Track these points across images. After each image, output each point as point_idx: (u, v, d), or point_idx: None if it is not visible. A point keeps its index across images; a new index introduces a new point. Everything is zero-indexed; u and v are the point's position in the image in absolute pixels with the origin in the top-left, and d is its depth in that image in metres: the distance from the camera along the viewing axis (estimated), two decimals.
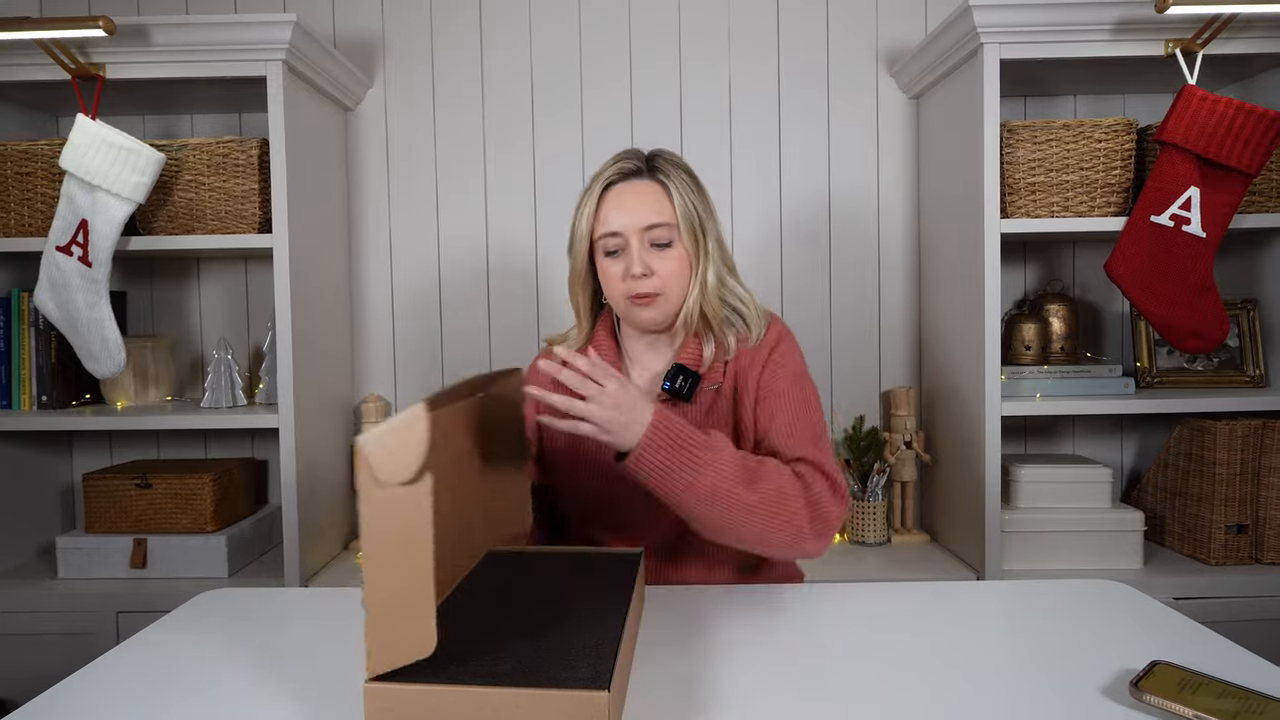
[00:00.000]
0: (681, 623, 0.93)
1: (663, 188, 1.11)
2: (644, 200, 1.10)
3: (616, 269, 1.11)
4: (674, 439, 0.93)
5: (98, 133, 1.56)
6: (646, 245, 1.10)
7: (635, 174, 1.12)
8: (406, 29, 1.99)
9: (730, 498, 0.93)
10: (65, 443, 2.00)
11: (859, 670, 0.81)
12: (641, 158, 1.14)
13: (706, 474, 0.92)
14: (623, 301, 1.12)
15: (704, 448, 0.94)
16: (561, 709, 0.64)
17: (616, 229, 1.10)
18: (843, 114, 1.98)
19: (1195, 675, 0.74)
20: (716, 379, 1.14)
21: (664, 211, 1.10)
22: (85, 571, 1.71)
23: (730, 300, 1.16)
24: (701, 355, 1.15)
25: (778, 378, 1.12)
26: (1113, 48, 1.60)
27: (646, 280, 1.10)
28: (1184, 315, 1.59)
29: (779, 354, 1.14)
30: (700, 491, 0.93)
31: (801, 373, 1.14)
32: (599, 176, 1.13)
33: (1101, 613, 0.95)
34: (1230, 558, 1.68)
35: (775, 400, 1.11)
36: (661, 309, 1.12)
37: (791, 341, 1.17)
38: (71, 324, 1.64)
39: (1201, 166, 1.55)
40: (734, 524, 0.95)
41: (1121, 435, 2.01)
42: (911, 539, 1.90)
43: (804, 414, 1.10)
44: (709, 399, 1.14)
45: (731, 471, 0.94)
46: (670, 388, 1.12)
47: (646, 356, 1.20)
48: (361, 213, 2.00)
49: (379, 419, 1.94)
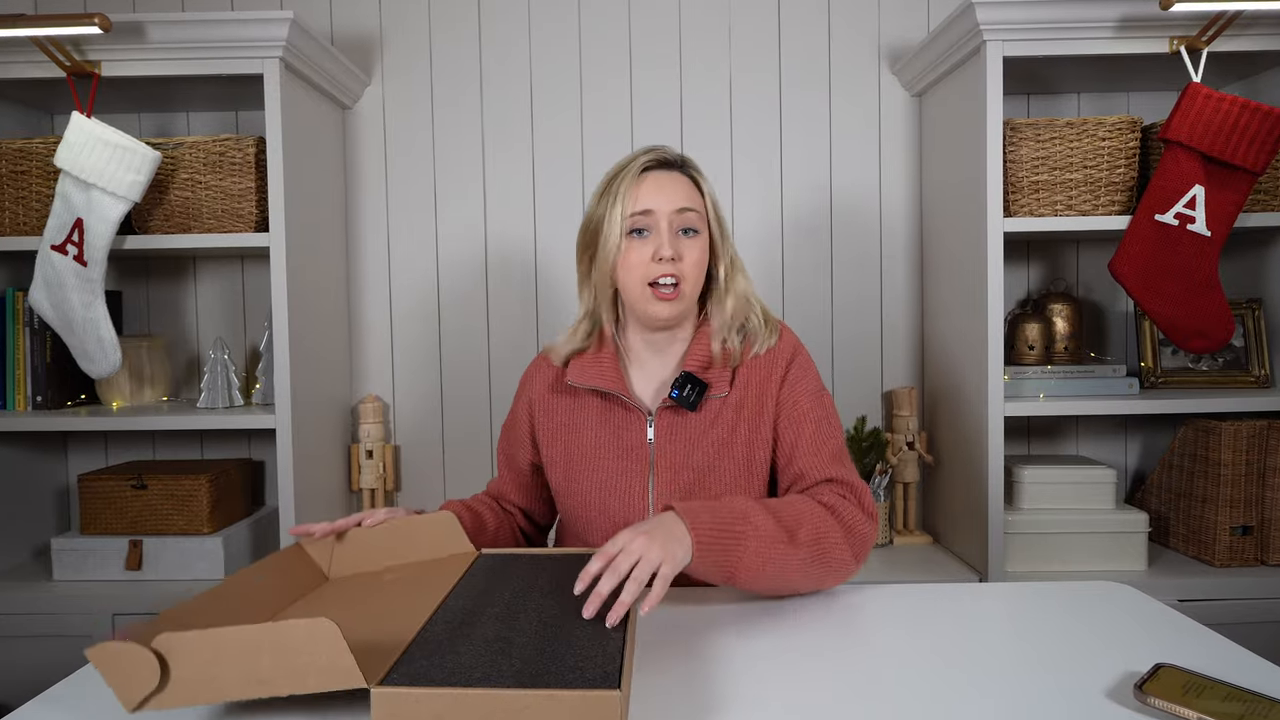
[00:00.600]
0: (682, 625, 0.93)
1: (693, 182, 1.14)
2: (678, 186, 1.12)
3: (644, 251, 1.10)
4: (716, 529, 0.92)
5: (93, 131, 1.56)
6: (675, 230, 1.10)
7: (669, 165, 1.14)
8: (405, 26, 1.99)
9: (781, 563, 0.95)
10: (60, 443, 2.00)
11: (860, 673, 0.81)
12: (674, 154, 1.16)
13: (751, 544, 0.93)
14: (639, 289, 1.10)
15: (738, 519, 0.94)
16: (573, 709, 0.64)
17: (650, 207, 1.09)
18: (844, 112, 1.98)
19: (1200, 678, 0.74)
20: (723, 388, 1.13)
21: (696, 200, 1.12)
22: (80, 573, 1.71)
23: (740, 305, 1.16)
24: (710, 352, 1.14)
25: (798, 393, 1.13)
26: (1117, 45, 1.60)
27: (673, 264, 1.09)
28: (1189, 315, 1.59)
29: (797, 368, 1.15)
30: (754, 568, 0.94)
31: (820, 387, 1.16)
32: (634, 160, 1.12)
33: (1105, 615, 0.95)
34: (1235, 559, 1.68)
35: (798, 418, 1.12)
36: (679, 304, 1.11)
37: (806, 355, 1.18)
38: (66, 324, 1.64)
39: (1206, 165, 1.55)
40: (788, 581, 0.98)
41: (1126, 436, 2.01)
42: (913, 540, 1.90)
43: (827, 431, 1.12)
44: (715, 408, 1.13)
45: (770, 532, 0.95)
46: (678, 396, 1.11)
47: (646, 355, 1.19)
48: (359, 212, 2.00)
49: (377, 420, 1.94)
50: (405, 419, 2.02)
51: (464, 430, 2.01)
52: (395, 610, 0.86)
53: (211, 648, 0.67)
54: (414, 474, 2.02)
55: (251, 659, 0.66)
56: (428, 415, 2.02)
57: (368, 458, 1.94)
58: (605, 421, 1.15)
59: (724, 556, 0.92)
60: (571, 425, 1.18)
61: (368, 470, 1.93)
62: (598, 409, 1.16)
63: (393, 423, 2.02)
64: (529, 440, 1.23)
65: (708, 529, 0.91)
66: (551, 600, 0.87)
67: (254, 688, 0.67)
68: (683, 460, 1.11)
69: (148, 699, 0.68)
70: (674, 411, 1.13)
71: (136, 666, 0.67)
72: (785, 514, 0.98)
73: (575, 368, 1.17)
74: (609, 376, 1.14)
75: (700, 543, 0.90)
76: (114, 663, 0.67)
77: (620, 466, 1.13)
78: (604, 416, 1.15)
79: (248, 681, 0.67)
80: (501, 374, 2.00)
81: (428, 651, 0.74)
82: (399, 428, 2.03)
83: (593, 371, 1.15)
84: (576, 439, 1.17)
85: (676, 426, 1.13)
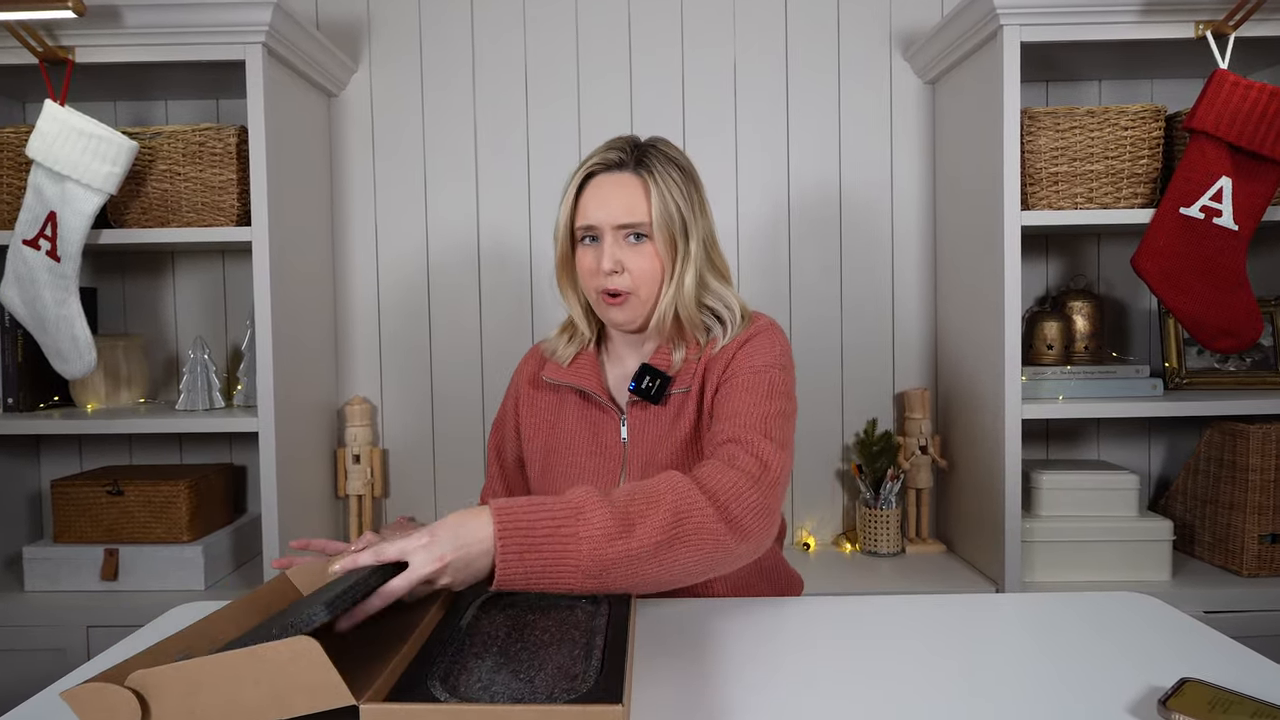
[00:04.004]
0: (683, 635, 0.93)
1: (644, 185, 1.12)
2: (621, 195, 1.12)
3: (589, 260, 1.14)
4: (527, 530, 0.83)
5: (67, 120, 1.55)
6: (621, 240, 1.12)
7: (619, 166, 1.13)
8: (393, 10, 1.99)
9: (626, 559, 0.85)
10: (32, 447, 2.00)
11: (871, 687, 0.81)
12: (629, 148, 1.15)
13: (584, 547, 0.83)
14: (594, 294, 1.15)
15: (566, 519, 0.84)
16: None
17: (591, 221, 1.13)
18: (854, 101, 1.98)
19: (1227, 693, 0.74)
20: (687, 381, 1.15)
21: (638, 210, 1.12)
22: (54, 583, 1.71)
23: (711, 303, 1.16)
24: (670, 360, 1.16)
25: (740, 368, 1.10)
26: (1140, 29, 1.60)
27: (617, 277, 1.12)
28: (1215, 313, 1.59)
29: (749, 347, 1.12)
30: (590, 568, 0.83)
31: (769, 364, 1.10)
32: (583, 164, 1.15)
33: (1127, 627, 0.95)
34: (1264, 569, 1.68)
35: (728, 388, 1.09)
36: (632, 309, 1.14)
37: (769, 337, 1.13)
38: (39, 322, 1.64)
39: (1234, 155, 1.55)
40: (644, 577, 0.87)
41: (1149, 439, 2.01)
42: (927, 549, 1.90)
43: (755, 400, 1.05)
44: (678, 401, 1.15)
45: (606, 528, 0.85)
46: (636, 388, 1.14)
47: (625, 352, 1.23)
48: (346, 205, 2.00)
49: (364, 422, 1.94)
50: (394, 422, 2.02)
51: (455, 434, 2.01)
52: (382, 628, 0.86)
53: (190, 679, 0.66)
54: (403, 479, 2.02)
55: (233, 687, 0.66)
56: (417, 418, 2.02)
57: (354, 462, 1.94)
58: (583, 418, 1.19)
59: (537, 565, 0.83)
60: (552, 421, 1.22)
61: (354, 475, 1.93)
62: (577, 405, 1.21)
63: (381, 426, 2.02)
64: (515, 433, 1.27)
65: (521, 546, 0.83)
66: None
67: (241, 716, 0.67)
68: (651, 458, 1.14)
69: None
70: (642, 408, 1.16)
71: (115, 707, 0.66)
72: (622, 499, 0.89)
73: (553, 364, 1.23)
74: (584, 374, 1.19)
75: (505, 554, 0.82)
76: (91, 705, 0.67)
77: (594, 464, 1.16)
78: (582, 413, 1.20)
79: (233, 710, 0.66)
80: (495, 375, 2.00)
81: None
82: (387, 431, 2.03)
83: (570, 368, 1.21)
84: (555, 434, 1.21)
85: (647, 423, 1.16)
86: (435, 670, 0.73)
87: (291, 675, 0.65)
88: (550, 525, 0.84)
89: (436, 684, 0.70)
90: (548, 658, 0.76)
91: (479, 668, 0.74)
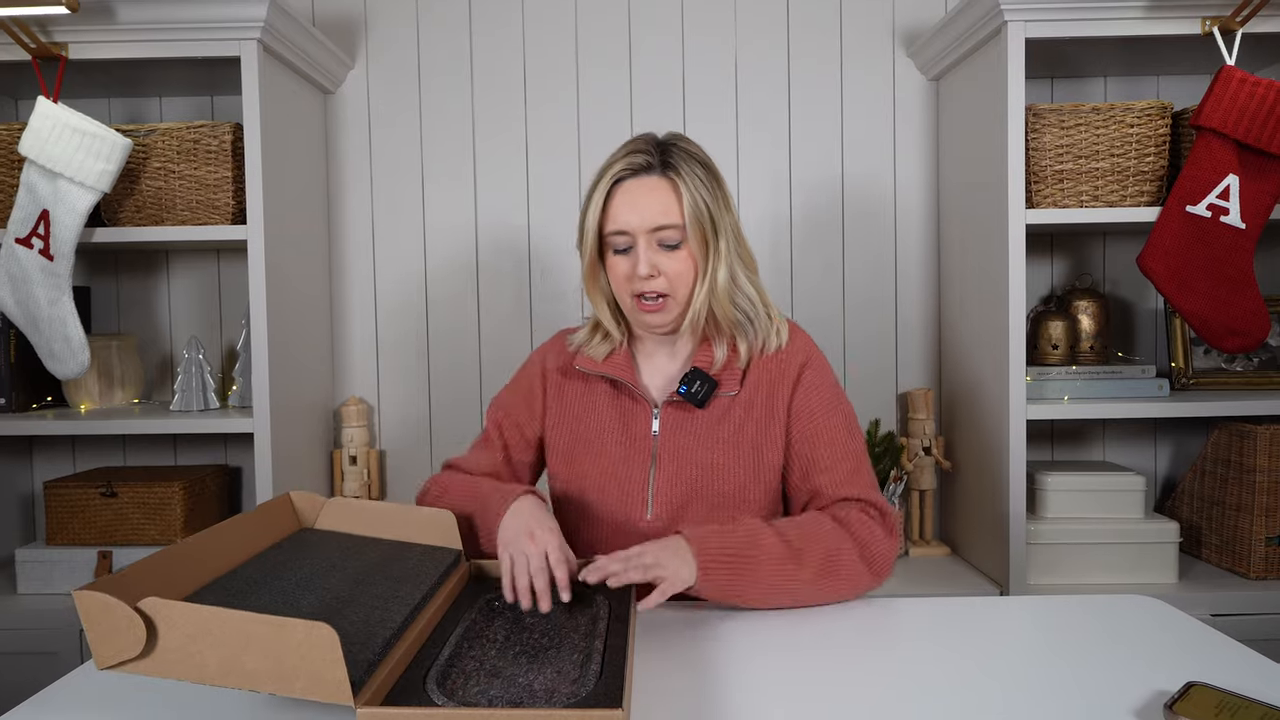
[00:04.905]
0: (687, 640, 0.94)
1: (673, 185, 1.13)
2: (653, 199, 1.12)
3: (624, 267, 1.14)
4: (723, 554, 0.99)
5: (60, 117, 1.56)
6: (654, 245, 1.13)
7: (645, 169, 1.14)
8: (390, 6, 1.99)
9: (791, 585, 1.01)
10: (25, 448, 2.00)
11: (876, 690, 0.81)
12: (653, 149, 1.15)
13: (764, 569, 1.00)
14: (629, 301, 1.16)
15: (747, 544, 1.00)
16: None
17: (624, 228, 1.13)
18: (857, 97, 1.98)
19: (1234, 697, 0.74)
20: (733, 386, 1.17)
21: (671, 213, 1.12)
22: (47, 586, 1.71)
23: (740, 302, 1.17)
24: (712, 359, 1.18)
25: (814, 403, 1.17)
26: (1146, 26, 1.60)
27: (653, 280, 1.13)
28: (1222, 312, 1.59)
29: (812, 373, 1.19)
30: (764, 589, 1.01)
31: (836, 394, 1.20)
32: (608, 170, 1.15)
33: (1134, 630, 0.95)
34: (1271, 571, 1.68)
35: (813, 432, 1.16)
36: (668, 313, 1.15)
37: (821, 357, 1.22)
38: (32, 321, 1.64)
39: (1241, 153, 1.55)
40: (798, 601, 1.03)
41: (1155, 440, 2.01)
42: (930, 551, 1.90)
43: (846, 445, 1.16)
44: (723, 406, 1.17)
45: (779, 554, 1.01)
46: (686, 392, 1.15)
47: (654, 348, 1.24)
48: (342, 203, 2.00)
49: (361, 423, 1.94)
50: (391, 422, 2.02)
51: (453, 434, 2.01)
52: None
53: (202, 624, 0.66)
54: (400, 481, 2.02)
55: (240, 647, 0.66)
56: (415, 419, 2.02)
57: (351, 464, 1.94)
58: (613, 408, 1.21)
59: (730, 581, 0.99)
60: (581, 409, 1.23)
61: (351, 477, 1.93)
62: (607, 395, 1.22)
63: (378, 426, 2.02)
64: (540, 415, 1.26)
65: (715, 554, 0.98)
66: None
67: (237, 678, 0.66)
68: (687, 455, 1.15)
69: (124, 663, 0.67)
70: (680, 407, 1.18)
71: (123, 627, 0.66)
72: (794, 534, 1.03)
73: (585, 357, 1.23)
74: (619, 365, 1.20)
75: (705, 568, 0.97)
76: (100, 616, 0.66)
77: (623, 454, 1.18)
78: (612, 402, 1.21)
79: (232, 669, 0.66)
80: (493, 375, 2.00)
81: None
82: (384, 432, 2.03)
83: (604, 362, 1.21)
84: (583, 423, 1.22)
85: (683, 421, 1.17)
86: (432, 673, 0.73)
87: (301, 657, 0.65)
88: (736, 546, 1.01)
89: (433, 687, 0.70)
90: (547, 661, 0.76)
91: (477, 671, 0.74)
